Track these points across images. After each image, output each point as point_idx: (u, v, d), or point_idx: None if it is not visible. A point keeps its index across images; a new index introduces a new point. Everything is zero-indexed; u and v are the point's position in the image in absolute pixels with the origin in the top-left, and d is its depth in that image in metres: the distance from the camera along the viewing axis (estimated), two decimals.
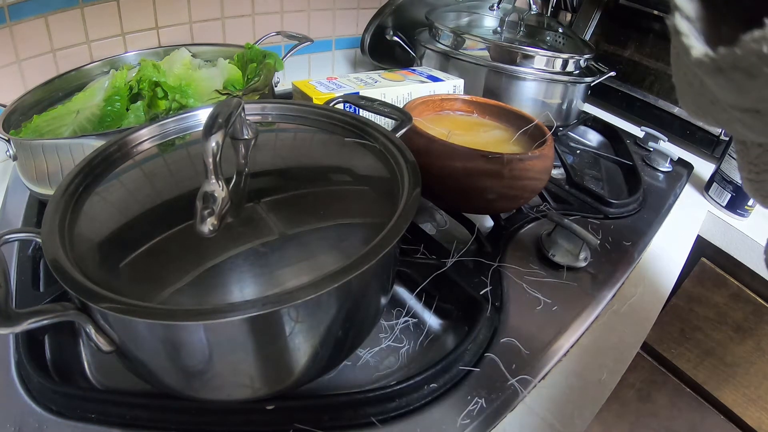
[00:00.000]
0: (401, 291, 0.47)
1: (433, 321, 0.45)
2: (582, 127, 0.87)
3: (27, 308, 0.26)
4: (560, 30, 0.88)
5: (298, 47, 0.70)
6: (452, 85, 0.67)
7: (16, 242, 0.46)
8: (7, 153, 0.49)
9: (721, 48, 0.16)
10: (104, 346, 0.29)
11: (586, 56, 0.76)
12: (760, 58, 0.15)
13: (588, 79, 0.77)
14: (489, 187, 0.48)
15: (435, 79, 0.66)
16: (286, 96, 0.70)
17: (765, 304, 0.72)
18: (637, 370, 0.95)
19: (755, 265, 0.68)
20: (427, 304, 0.46)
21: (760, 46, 0.15)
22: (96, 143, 0.42)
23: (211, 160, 0.30)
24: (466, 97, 0.61)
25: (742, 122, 0.19)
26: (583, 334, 0.45)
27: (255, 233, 0.30)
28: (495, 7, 0.89)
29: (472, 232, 0.52)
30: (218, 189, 0.30)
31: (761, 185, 0.25)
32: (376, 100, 0.49)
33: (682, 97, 0.20)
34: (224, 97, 0.57)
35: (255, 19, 0.81)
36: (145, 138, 0.40)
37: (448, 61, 0.76)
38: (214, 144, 0.30)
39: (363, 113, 0.51)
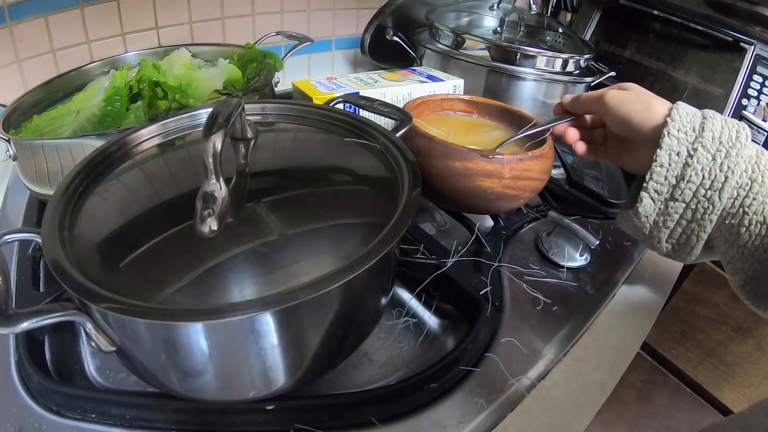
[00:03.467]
0: (401, 291, 0.47)
1: (433, 321, 0.45)
2: None
3: (27, 308, 0.26)
4: (560, 30, 0.88)
5: (298, 47, 0.70)
6: (452, 85, 0.67)
7: (16, 242, 0.46)
8: (7, 153, 0.49)
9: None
10: (104, 346, 0.29)
11: (586, 56, 0.76)
12: (620, 219, 0.41)
13: (588, 79, 0.77)
14: (489, 187, 0.48)
15: (435, 79, 0.66)
16: (286, 96, 0.70)
17: None
18: (637, 370, 0.95)
19: None
20: (427, 304, 0.46)
21: (620, 217, 0.42)
22: (96, 143, 0.42)
23: (211, 160, 0.30)
24: (466, 97, 0.61)
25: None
26: (583, 334, 0.45)
27: (255, 233, 0.30)
28: (495, 7, 0.89)
29: (472, 232, 0.52)
30: (218, 189, 0.30)
31: (748, 298, 0.37)
32: (376, 100, 0.49)
33: None
34: (224, 97, 0.57)
35: (255, 19, 0.81)
36: (145, 138, 0.40)
37: (448, 61, 0.76)
38: (214, 144, 0.30)
39: (363, 113, 0.51)
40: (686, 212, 0.36)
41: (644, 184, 0.37)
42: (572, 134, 0.46)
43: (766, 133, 0.78)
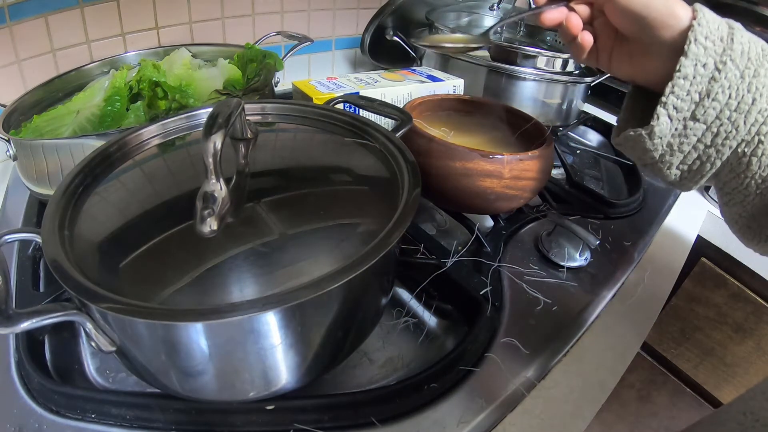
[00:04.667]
0: (401, 291, 0.47)
1: (433, 321, 0.45)
2: (582, 127, 0.87)
3: (27, 308, 0.26)
4: None
5: (298, 47, 0.70)
6: (452, 85, 0.67)
7: (16, 242, 0.46)
8: (7, 153, 0.49)
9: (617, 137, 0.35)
10: (104, 346, 0.29)
11: None
12: (625, 141, 0.34)
13: (588, 79, 0.77)
14: (489, 187, 0.48)
15: (435, 79, 0.66)
16: (286, 96, 0.70)
17: (765, 304, 0.72)
18: (637, 370, 0.95)
19: (755, 265, 0.68)
20: (427, 304, 0.46)
21: (624, 137, 0.34)
22: (96, 143, 0.42)
23: (211, 160, 0.30)
24: (466, 97, 0.61)
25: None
26: (583, 334, 0.45)
27: (255, 233, 0.30)
28: (495, 7, 0.89)
29: (472, 232, 0.52)
30: (218, 189, 0.30)
31: (743, 233, 0.35)
32: (376, 100, 0.49)
33: None
34: (224, 97, 0.57)
35: (255, 19, 0.81)
36: (145, 138, 0.40)
37: (448, 61, 0.76)
38: (214, 144, 0.30)
39: (363, 113, 0.51)
40: (705, 135, 0.31)
41: (662, 99, 0.31)
42: (575, 22, 0.35)
43: None
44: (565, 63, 0.74)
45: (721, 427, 0.35)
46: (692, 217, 0.68)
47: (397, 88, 0.62)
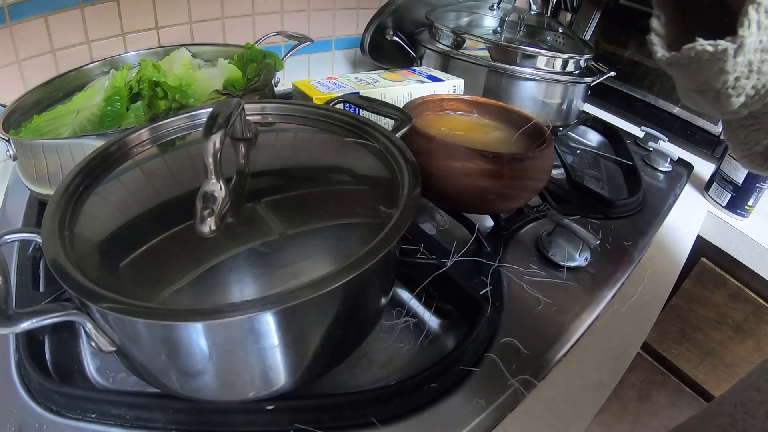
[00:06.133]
0: (401, 291, 0.47)
1: (433, 321, 0.45)
2: (582, 127, 0.87)
3: (27, 308, 0.26)
4: (560, 30, 0.88)
5: (298, 47, 0.70)
6: (452, 85, 0.67)
7: (16, 242, 0.46)
8: (7, 153, 0.49)
9: (672, 52, 0.24)
10: (104, 346, 0.29)
11: (586, 56, 0.76)
12: (690, 59, 0.23)
13: (588, 79, 0.77)
14: (489, 187, 0.48)
15: (435, 79, 0.66)
16: (286, 96, 0.70)
17: (765, 304, 0.72)
18: (637, 370, 0.95)
19: (755, 265, 0.68)
20: (427, 304, 0.46)
21: (690, 53, 0.23)
22: (96, 143, 0.42)
23: (211, 160, 0.30)
24: (466, 97, 0.61)
25: (696, 102, 0.27)
26: (583, 334, 0.45)
27: (255, 233, 0.30)
28: (495, 7, 0.89)
29: (472, 232, 0.52)
30: (218, 189, 0.30)
31: (752, 159, 0.32)
32: (376, 100, 0.49)
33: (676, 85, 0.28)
34: (224, 97, 0.57)
35: (255, 19, 0.81)
36: (145, 138, 0.40)
37: (448, 61, 0.76)
38: (214, 144, 0.30)
39: (363, 113, 0.51)
40: None
41: None
42: None
43: None
44: (565, 63, 0.74)
45: (713, 419, 0.34)
46: (692, 217, 0.68)
47: (397, 88, 0.62)
